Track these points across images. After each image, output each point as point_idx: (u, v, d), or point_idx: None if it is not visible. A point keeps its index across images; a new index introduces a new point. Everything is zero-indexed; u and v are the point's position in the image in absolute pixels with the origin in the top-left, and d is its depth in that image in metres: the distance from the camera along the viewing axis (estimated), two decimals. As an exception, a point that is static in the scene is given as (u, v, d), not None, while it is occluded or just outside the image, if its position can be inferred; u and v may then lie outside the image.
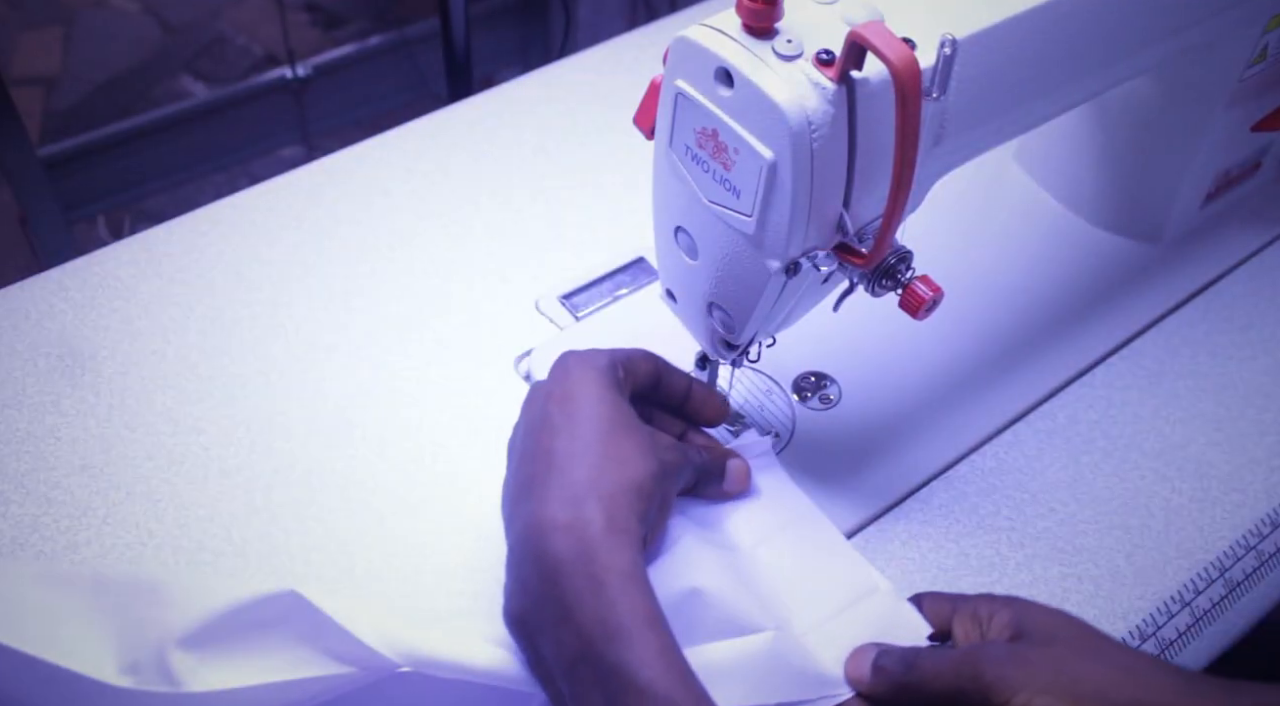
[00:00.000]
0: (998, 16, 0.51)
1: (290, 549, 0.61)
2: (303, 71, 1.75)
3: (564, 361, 0.56)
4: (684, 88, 0.50)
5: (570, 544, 0.48)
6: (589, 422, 0.52)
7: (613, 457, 0.51)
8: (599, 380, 0.54)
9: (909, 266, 0.53)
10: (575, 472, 0.50)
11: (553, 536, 0.48)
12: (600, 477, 0.50)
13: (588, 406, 0.53)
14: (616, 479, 0.50)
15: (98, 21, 2.11)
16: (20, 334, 0.70)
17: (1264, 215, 0.82)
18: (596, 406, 0.53)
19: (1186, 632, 0.61)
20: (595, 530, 0.48)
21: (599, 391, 0.54)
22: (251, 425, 0.67)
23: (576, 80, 0.90)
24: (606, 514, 0.49)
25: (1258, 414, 0.71)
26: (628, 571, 0.47)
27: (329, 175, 0.81)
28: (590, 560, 0.47)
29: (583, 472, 0.50)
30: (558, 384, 0.54)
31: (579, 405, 0.53)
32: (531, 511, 0.50)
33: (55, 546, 0.61)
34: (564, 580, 0.47)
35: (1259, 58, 0.71)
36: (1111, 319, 0.75)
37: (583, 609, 0.46)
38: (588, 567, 0.47)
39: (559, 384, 0.54)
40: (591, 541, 0.48)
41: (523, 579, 0.49)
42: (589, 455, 0.51)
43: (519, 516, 0.51)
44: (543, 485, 0.50)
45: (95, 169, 1.65)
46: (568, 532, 0.48)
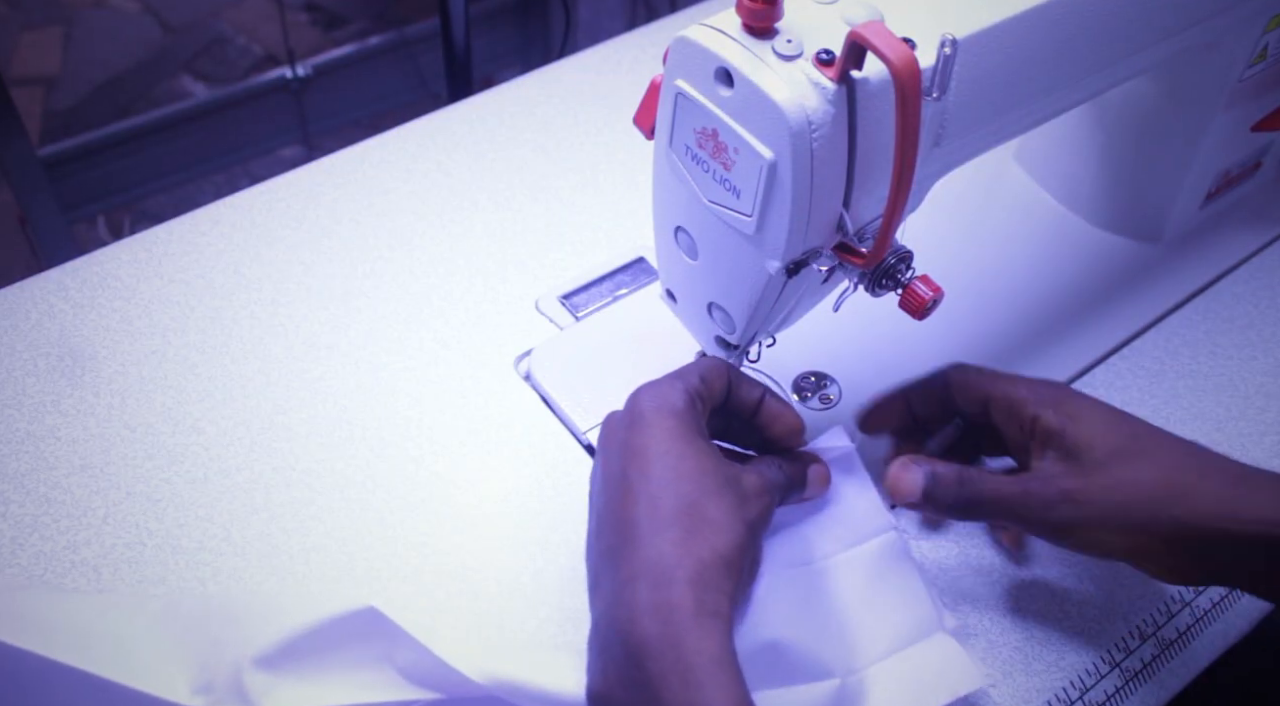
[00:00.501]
0: (998, 16, 0.51)
1: (290, 549, 0.61)
2: (303, 71, 1.75)
3: (638, 404, 0.52)
4: (684, 88, 0.50)
5: (657, 627, 0.45)
6: (671, 488, 0.49)
7: (698, 529, 0.48)
8: (678, 431, 0.51)
9: (909, 266, 0.53)
10: (659, 547, 0.47)
11: (639, 619, 0.46)
12: (686, 555, 0.47)
13: (668, 466, 0.50)
14: (704, 555, 0.47)
15: (98, 21, 2.11)
16: (20, 334, 0.70)
17: (1264, 215, 0.82)
18: (677, 465, 0.50)
19: (1187, 632, 0.61)
20: (684, 615, 0.46)
21: (680, 446, 0.50)
22: (251, 425, 0.67)
23: (576, 80, 0.90)
24: (695, 597, 0.46)
25: (1258, 414, 0.71)
26: (718, 656, 0.45)
27: (329, 175, 0.81)
28: (678, 645, 0.45)
29: (667, 549, 0.47)
30: (634, 433, 0.51)
31: (659, 466, 0.50)
32: (616, 590, 0.47)
33: (55, 546, 0.61)
34: (650, 664, 0.45)
35: (1259, 58, 0.71)
36: (1111, 319, 0.75)
37: (670, 694, 0.44)
38: (676, 652, 0.45)
39: (635, 433, 0.51)
40: (680, 626, 0.45)
41: (608, 658, 0.47)
42: (673, 528, 0.48)
43: (603, 591, 0.48)
44: (626, 560, 0.48)
45: (95, 169, 1.65)
46: (654, 616, 0.46)
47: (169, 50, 2.07)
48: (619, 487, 0.50)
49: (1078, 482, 0.52)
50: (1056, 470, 0.53)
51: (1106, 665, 0.60)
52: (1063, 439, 0.54)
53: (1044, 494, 0.53)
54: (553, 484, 0.65)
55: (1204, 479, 0.52)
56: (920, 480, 0.54)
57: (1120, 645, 0.60)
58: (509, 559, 0.62)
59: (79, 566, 0.60)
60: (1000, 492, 0.54)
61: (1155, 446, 0.53)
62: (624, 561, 0.48)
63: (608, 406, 0.67)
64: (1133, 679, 0.60)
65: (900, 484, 0.55)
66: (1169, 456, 0.53)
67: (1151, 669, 0.60)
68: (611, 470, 0.51)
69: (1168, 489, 0.51)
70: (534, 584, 0.61)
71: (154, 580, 0.60)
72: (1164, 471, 0.52)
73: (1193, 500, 0.51)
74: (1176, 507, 0.51)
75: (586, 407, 0.68)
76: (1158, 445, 0.53)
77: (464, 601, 0.60)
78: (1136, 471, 0.52)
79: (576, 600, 0.60)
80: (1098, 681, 0.59)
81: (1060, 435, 0.54)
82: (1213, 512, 0.51)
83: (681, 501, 0.49)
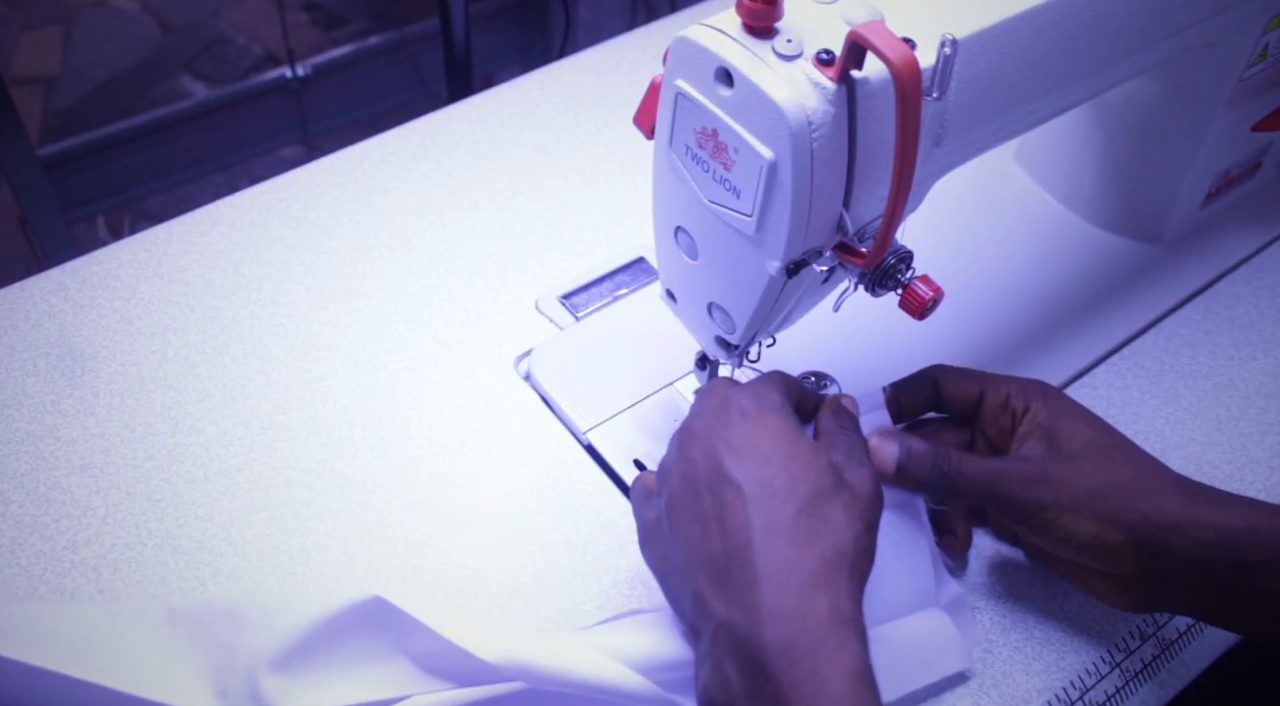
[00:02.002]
0: (998, 16, 0.51)
1: (290, 549, 0.61)
2: (303, 71, 1.75)
3: (738, 402, 0.50)
4: (684, 87, 0.50)
5: (788, 635, 0.44)
6: (787, 488, 0.47)
7: (820, 530, 0.46)
8: (785, 429, 0.49)
9: (909, 266, 0.53)
10: (780, 551, 0.45)
11: (768, 625, 0.44)
12: (812, 558, 0.45)
13: (780, 466, 0.47)
14: (829, 557, 0.46)
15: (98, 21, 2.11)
16: (20, 334, 0.70)
17: (1264, 215, 0.82)
18: (789, 464, 0.48)
19: (1187, 632, 0.61)
20: (817, 622, 0.44)
21: (790, 445, 0.48)
22: (251, 425, 0.67)
23: (576, 80, 0.90)
24: (830, 603, 0.44)
25: (1258, 414, 0.71)
26: (856, 670, 0.43)
27: (329, 175, 0.81)
28: (814, 654, 0.43)
29: (790, 552, 0.45)
30: (739, 433, 0.49)
31: (770, 466, 0.47)
32: (737, 596, 0.45)
33: (55, 546, 0.61)
34: (782, 673, 0.43)
35: (1259, 58, 0.71)
36: (1111, 319, 0.75)
37: (803, 703, 0.42)
38: (811, 662, 0.43)
39: (740, 433, 0.49)
40: (815, 634, 0.43)
41: (731, 667, 0.45)
42: (795, 529, 0.46)
43: (716, 599, 0.46)
44: (745, 565, 0.45)
45: (95, 169, 1.65)
46: (786, 622, 0.44)
47: (169, 50, 2.07)
48: (721, 489, 0.47)
49: (1054, 466, 0.54)
50: (1035, 454, 0.55)
51: (1106, 665, 0.60)
52: (1046, 428, 0.55)
53: (1020, 472, 0.54)
54: (553, 484, 0.65)
55: (1170, 484, 0.53)
56: (895, 453, 0.54)
57: (1120, 645, 0.60)
58: (509, 559, 0.62)
59: (79, 566, 0.60)
60: (976, 470, 0.54)
61: (1131, 449, 0.55)
62: (742, 567, 0.45)
63: (608, 406, 0.68)
64: (1133, 679, 0.60)
65: (875, 457, 0.55)
66: (1142, 460, 0.55)
67: (1151, 669, 0.60)
68: (707, 472, 0.48)
69: (1139, 484, 0.53)
70: (534, 584, 0.61)
71: (154, 580, 0.60)
72: (1137, 469, 0.54)
73: (1160, 499, 0.52)
74: (1145, 502, 0.52)
75: (586, 407, 0.68)
76: (1134, 449, 0.55)
77: (464, 601, 0.60)
78: (1111, 464, 0.54)
79: (576, 600, 0.60)
80: (1098, 681, 0.59)
81: (1045, 424, 0.55)
82: (1178, 515, 0.52)
83: (800, 502, 0.47)
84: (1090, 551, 0.53)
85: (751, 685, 0.44)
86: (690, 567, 0.48)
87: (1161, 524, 0.52)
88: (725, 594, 0.46)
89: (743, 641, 0.44)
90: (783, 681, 0.43)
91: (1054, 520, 0.53)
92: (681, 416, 0.67)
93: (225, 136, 1.75)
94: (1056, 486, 0.53)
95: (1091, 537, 0.53)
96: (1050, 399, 0.57)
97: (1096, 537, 0.53)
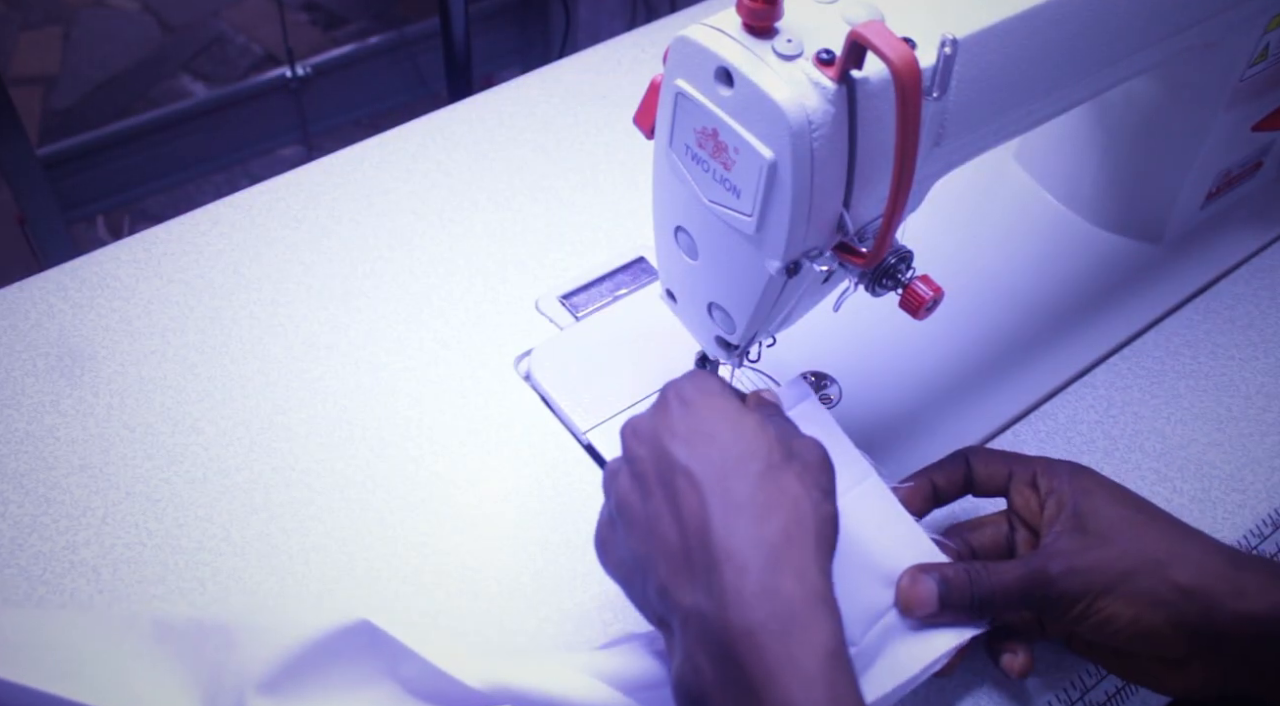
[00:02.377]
0: (998, 16, 0.51)
1: (290, 549, 0.61)
2: (302, 71, 1.75)
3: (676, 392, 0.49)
4: (684, 87, 0.50)
5: (757, 616, 0.42)
6: (737, 466, 0.45)
7: (777, 504, 0.45)
8: (728, 410, 0.48)
9: (909, 266, 0.53)
10: (739, 530, 0.44)
11: (733, 608, 0.43)
12: (774, 533, 0.44)
13: (728, 445, 0.46)
14: (792, 532, 0.44)
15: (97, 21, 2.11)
16: (20, 334, 0.70)
17: (1264, 215, 0.82)
18: (737, 442, 0.46)
19: (1187, 633, 0.61)
20: (786, 602, 0.43)
21: (735, 424, 0.47)
22: (251, 425, 0.67)
23: (576, 80, 0.90)
24: (797, 578, 0.43)
25: (1258, 414, 0.71)
26: (830, 650, 0.42)
27: (329, 175, 0.81)
28: (785, 635, 0.42)
29: (751, 530, 0.44)
30: (679, 420, 0.48)
31: (717, 447, 0.46)
32: (702, 581, 0.44)
33: (54, 546, 0.61)
34: (752, 657, 0.42)
35: (1259, 58, 0.71)
36: (1111, 319, 0.75)
37: (777, 693, 0.41)
38: (782, 644, 0.42)
39: (681, 420, 0.47)
40: (784, 615, 0.42)
41: (702, 655, 0.44)
42: (750, 507, 0.45)
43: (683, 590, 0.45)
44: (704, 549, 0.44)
45: (94, 169, 1.65)
46: (752, 604, 0.43)
47: (169, 50, 2.07)
48: (672, 478, 0.46)
49: (1082, 556, 0.52)
50: (1062, 545, 0.53)
51: (1107, 665, 0.60)
52: (1073, 509, 0.54)
53: (1047, 569, 0.52)
54: (553, 484, 0.65)
55: (1209, 554, 0.52)
56: (935, 588, 0.53)
57: (1120, 645, 0.60)
58: (509, 559, 0.62)
59: (78, 566, 0.60)
60: (1009, 577, 0.53)
61: (1163, 522, 0.53)
62: (703, 550, 0.44)
63: (608, 406, 0.68)
64: (1133, 679, 0.60)
65: (915, 597, 0.53)
66: (1176, 532, 0.53)
67: (1152, 669, 0.60)
68: (654, 464, 0.47)
69: (1173, 558, 0.51)
70: (534, 584, 0.61)
71: (154, 580, 0.60)
72: (1168, 540, 0.52)
73: (1198, 571, 0.51)
74: (1182, 576, 0.51)
75: (586, 407, 0.68)
76: (1166, 521, 0.54)
77: (464, 601, 0.60)
78: (1143, 542, 0.52)
79: (576, 600, 0.60)
80: (1098, 681, 0.59)
81: (1072, 506, 0.54)
82: (1221, 586, 0.50)
83: (753, 478, 0.45)
84: (1132, 636, 0.51)
85: (723, 673, 0.43)
86: (650, 561, 0.47)
87: (1203, 598, 0.50)
88: (689, 582, 0.45)
89: (710, 628, 0.43)
90: (754, 667, 0.42)
91: (1090, 608, 0.52)
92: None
93: (225, 136, 1.75)
94: (1088, 574, 0.51)
95: (1130, 621, 0.51)
96: (1076, 477, 0.55)
97: (1136, 621, 0.51)
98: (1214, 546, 0.52)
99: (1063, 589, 0.52)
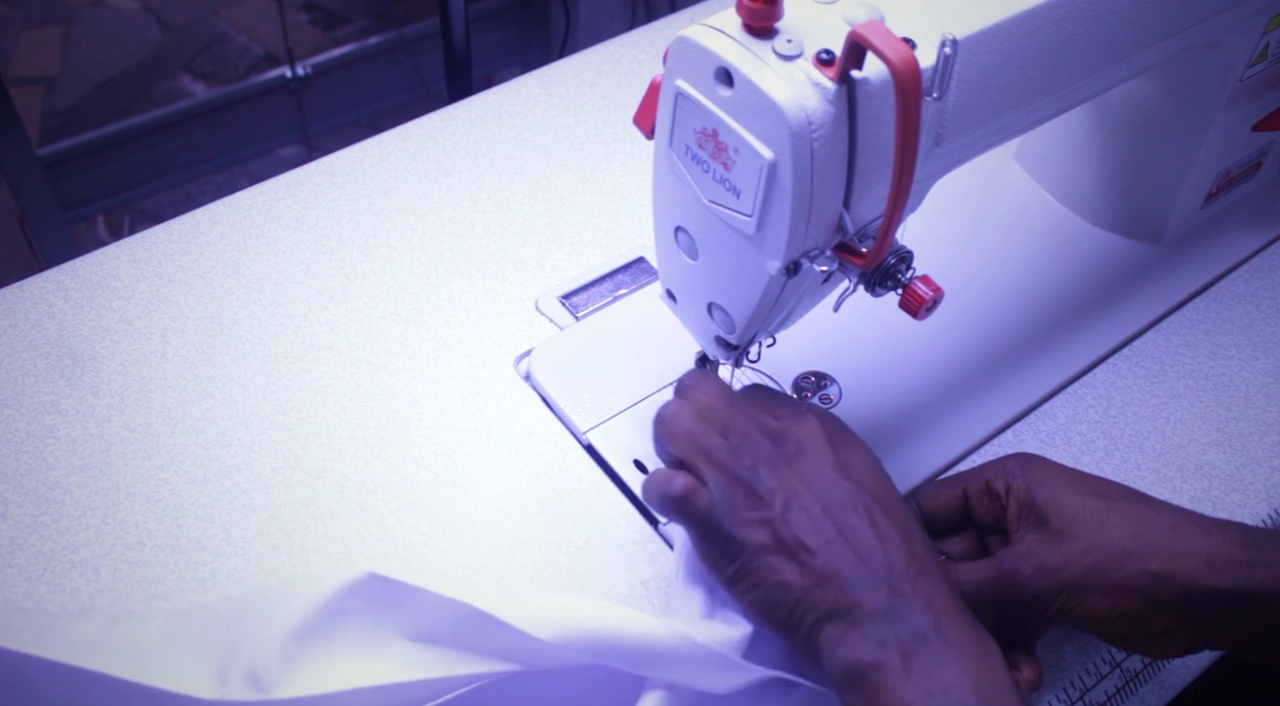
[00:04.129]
0: (998, 16, 0.51)
1: (290, 549, 0.61)
2: (302, 71, 1.75)
3: (834, 423, 0.55)
4: (684, 87, 0.50)
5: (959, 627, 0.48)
6: (888, 490, 0.53)
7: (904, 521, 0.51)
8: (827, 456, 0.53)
9: (909, 266, 0.53)
10: (924, 553, 0.50)
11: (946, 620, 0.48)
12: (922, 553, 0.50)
13: (869, 474, 0.53)
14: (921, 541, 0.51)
15: (97, 21, 2.11)
16: (20, 334, 0.70)
17: (1264, 215, 0.82)
18: (871, 472, 0.53)
19: (1187, 633, 0.61)
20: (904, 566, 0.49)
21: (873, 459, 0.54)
22: (251, 425, 0.67)
23: (576, 80, 0.90)
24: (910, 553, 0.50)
25: (1258, 414, 0.71)
26: None
27: (329, 175, 0.81)
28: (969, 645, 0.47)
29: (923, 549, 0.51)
30: (835, 450, 0.53)
31: (871, 477, 0.53)
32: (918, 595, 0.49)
33: (54, 546, 0.61)
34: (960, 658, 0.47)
35: (1259, 58, 0.71)
36: (1111, 319, 0.75)
37: None
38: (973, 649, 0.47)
39: (837, 450, 0.53)
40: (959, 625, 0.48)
41: (893, 650, 0.48)
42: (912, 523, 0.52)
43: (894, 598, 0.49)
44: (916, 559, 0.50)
45: (94, 169, 1.65)
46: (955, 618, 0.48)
47: (169, 50, 2.07)
48: (871, 511, 0.51)
49: (1050, 553, 0.53)
50: (1028, 544, 0.54)
51: (1106, 665, 0.60)
52: (1033, 505, 0.54)
53: (1019, 570, 0.53)
54: (553, 484, 0.65)
55: (1174, 530, 0.52)
56: None
57: (1120, 645, 0.60)
58: (509, 559, 0.62)
59: (79, 566, 0.60)
60: (979, 578, 0.54)
61: (1122, 503, 0.54)
62: (913, 562, 0.49)
63: (608, 406, 0.68)
64: (1133, 679, 0.60)
65: None
66: (1136, 512, 0.53)
67: (1152, 669, 0.60)
68: (841, 496, 0.51)
69: (1139, 543, 0.52)
70: (534, 584, 0.61)
71: (154, 580, 0.60)
72: (1133, 527, 0.52)
73: (1165, 553, 0.51)
74: (1151, 562, 0.51)
75: (586, 407, 0.68)
76: (1124, 501, 0.54)
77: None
78: (1107, 531, 0.52)
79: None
80: (1098, 681, 0.59)
81: (1029, 499, 0.55)
82: (1187, 566, 0.51)
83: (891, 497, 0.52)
84: (1115, 621, 0.52)
85: (924, 666, 0.46)
86: (853, 577, 0.49)
87: (1176, 580, 0.51)
88: (900, 594, 0.49)
89: (919, 633, 0.47)
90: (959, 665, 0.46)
91: (1068, 604, 0.52)
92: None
93: (225, 136, 1.75)
94: (1058, 573, 0.52)
95: (1109, 610, 0.52)
96: (1027, 469, 0.56)
97: (1114, 608, 0.52)
98: (1178, 519, 0.53)
99: (1036, 589, 0.53)
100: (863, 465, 0.53)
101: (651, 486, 0.55)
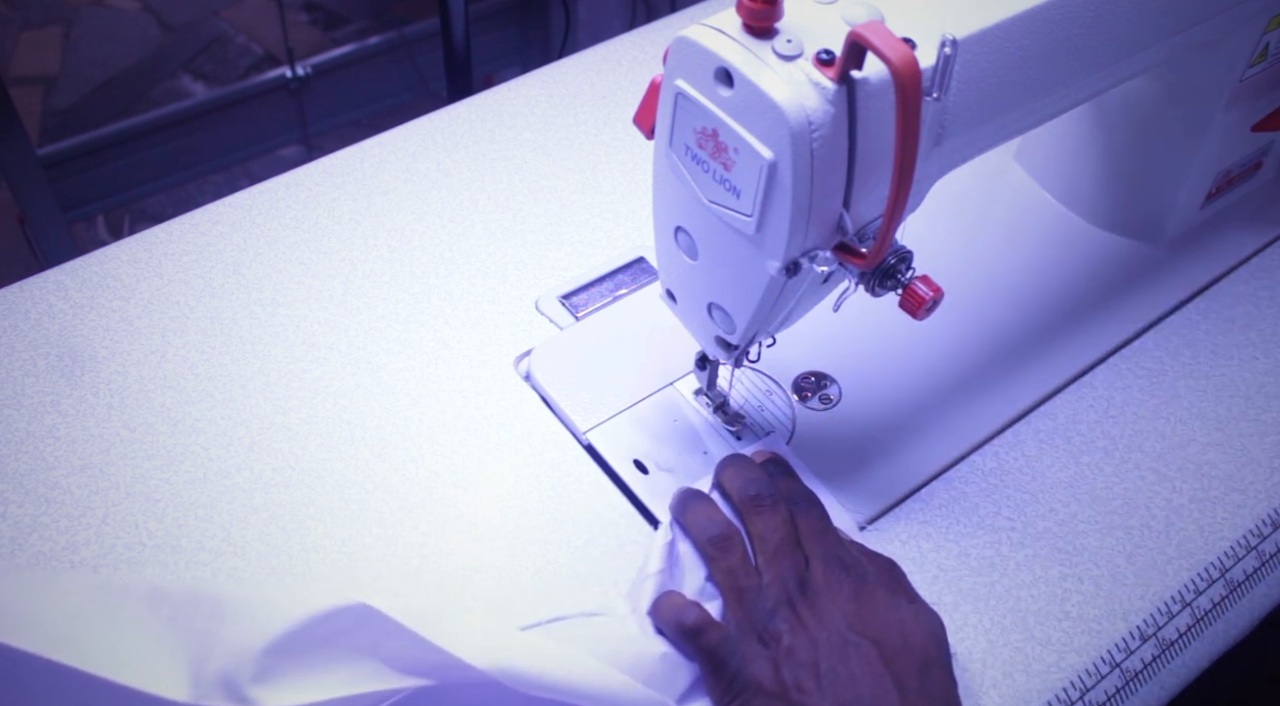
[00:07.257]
0: (998, 16, 0.51)
1: (290, 549, 0.61)
2: (302, 71, 1.75)
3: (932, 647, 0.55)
4: (684, 88, 0.50)
5: None
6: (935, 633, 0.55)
7: None
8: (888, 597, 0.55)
9: (909, 266, 0.53)
10: None
11: None
12: None
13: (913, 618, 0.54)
14: None
15: (97, 21, 2.11)
16: (20, 333, 0.70)
17: (1264, 215, 0.82)
18: (916, 617, 0.55)
19: (1187, 633, 0.61)
20: None
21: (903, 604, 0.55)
22: (251, 425, 0.67)
23: (576, 80, 0.90)
24: None
25: (1258, 414, 0.71)
26: None
27: (329, 175, 0.81)
28: None
29: None
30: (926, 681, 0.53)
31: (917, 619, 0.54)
32: None
33: (54, 546, 0.61)
34: None
35: (1259, 58, 0.71)
36: (1111, 319, 0.75)
37: None
38: None
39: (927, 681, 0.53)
40: None
41: None
42: None
43: None
44: None
45: (94, 169, 1.65)
46: None
47: (169, 50, 2.07)
48: (928, 664, 0.53)
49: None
50: None
51: (1106, 665, 0.60)
52: None
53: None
54: (553, 484, 0.65)
55: None
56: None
57: (1120, 645, 0.60)
58: (509, 559, 0.62)
59: (79, 566, 0.60)
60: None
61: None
62: None
63: (608, 406, 0.68)
64: (1133, 679, 0.60)
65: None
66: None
67: (1152, 669, 0.60)
68: (885, 648, 0.53)
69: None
70: (534, 584, 0.61)
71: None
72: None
73: None
74: None
75: (586, 407, 0.68)
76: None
77: (464, 602, 0.60)
78: None
79: (577, 600, 0.60)
80: (1098, 681, 0.59)
81: None
82: None
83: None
84: None
85: None
86: None
87: None
88: None
89: None
90: None
91: None
92: (682, 417, 0.67)
93: (225, 136, 1.75)
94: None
95: None
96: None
97: None
98: None
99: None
100: (904, 622, 0.54)
101: (666, 610, 0.56)
